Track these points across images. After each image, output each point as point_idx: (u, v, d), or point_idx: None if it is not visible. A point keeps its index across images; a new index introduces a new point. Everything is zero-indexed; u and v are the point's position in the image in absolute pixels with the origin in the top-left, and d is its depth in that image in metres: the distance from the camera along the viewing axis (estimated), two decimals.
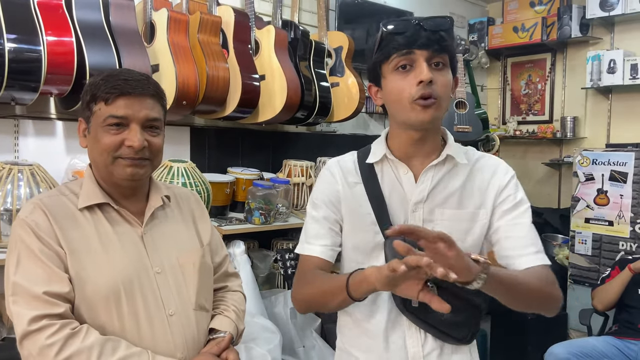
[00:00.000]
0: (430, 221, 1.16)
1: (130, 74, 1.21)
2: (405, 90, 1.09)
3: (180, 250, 1.30)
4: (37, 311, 1.08)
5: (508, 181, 1.19)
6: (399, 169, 1.19)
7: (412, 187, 1.18)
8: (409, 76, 1.09)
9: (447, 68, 1.12)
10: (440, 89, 1.09)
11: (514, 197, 1.18)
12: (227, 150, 2.83)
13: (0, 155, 2.08)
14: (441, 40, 1.08)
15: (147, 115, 1.19)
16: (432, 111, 1.09)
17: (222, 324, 1.33)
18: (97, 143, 1.19)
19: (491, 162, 1.22)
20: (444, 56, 1.10)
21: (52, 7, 1.96)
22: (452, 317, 1.13)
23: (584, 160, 3.41)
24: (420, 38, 1.07)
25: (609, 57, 3.58)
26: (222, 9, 2.53)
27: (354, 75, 2.96)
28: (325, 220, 1.24)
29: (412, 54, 1.08)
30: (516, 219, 1.17)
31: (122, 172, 1.19)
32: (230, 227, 2.35)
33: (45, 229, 1.15)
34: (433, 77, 1.07)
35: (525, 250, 1.15)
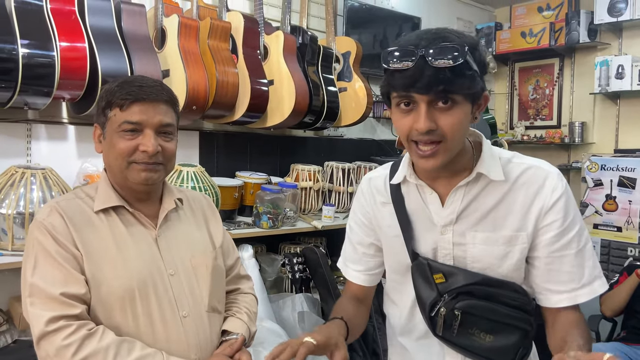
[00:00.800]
0: (462, 244, 1.07)
1: (145, 81, 1.23)
2: (406, 130, 0.98)
3: (193, 252, 1.32)
4: (54, 312, 1.10)
5: (555, 202, 1.03)
6: (425, 190, 1.11)
7: (438, 209, 1.08)
8: (410, 116, 0.97)
9: (461, 103, 0.96)
10: (446, 132, 0.96)
11: (562, 222, 1.03)
12: (235, 155, 2.85)
13: (13, 159, 2.10)
14: (447, 81, 0.91)
15: (161, 121, 1.22)
16: (434, 160, 0.98)
17: (235, 325, 1.35)
18: (112, 148, 1.21)
19: (538, 176, 1.06)
20: (454, 96, 0.94)
21: (65, 13, 1.99)
22: (495, 342, 1.06)
23: (593, 166, 3.40)
24: (421, 79, 0.91)
25: (617, 62, 3.57)
26: (232, 14, 2.55)
27: (361, 80, 2.97)
28: (360, 246, 1.24)
29: (412, 97, 0.95)
30: (562, 250, 1.04)
31: (137, 176, 1.21)
32: (238, 231, 2.37)
33: (62, 232, 1.17)
34: (436, 121, 0.95)
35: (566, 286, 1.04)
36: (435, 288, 1.07)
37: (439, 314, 1.06)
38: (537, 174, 1.06)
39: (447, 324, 1.06)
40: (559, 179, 1.06)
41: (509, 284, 1.06)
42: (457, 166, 1.06)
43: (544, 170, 1.06)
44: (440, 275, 1.07)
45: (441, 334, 1.07)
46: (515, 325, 1.06)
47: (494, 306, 1.05)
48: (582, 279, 1.04)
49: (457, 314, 1.04)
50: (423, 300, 1.09)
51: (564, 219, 1.04)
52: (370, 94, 2.97)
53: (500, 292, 1.06)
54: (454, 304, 1.05)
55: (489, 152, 1.08)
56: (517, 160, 1.09)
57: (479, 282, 1.05)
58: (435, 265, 1.08)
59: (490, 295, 1.05)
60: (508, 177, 1.06)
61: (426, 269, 1.08)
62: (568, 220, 1.04)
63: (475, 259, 1.07)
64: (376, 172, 1.24)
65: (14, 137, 2.14)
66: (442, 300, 1.06)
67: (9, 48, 1.79)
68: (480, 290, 1.05)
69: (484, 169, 1.05)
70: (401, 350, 1.22)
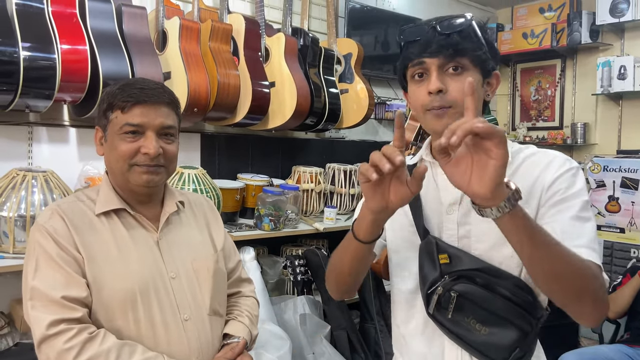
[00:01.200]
0: (467, 224, 1.07)
1: (146, 83, 1.23)
2: (420, 100, 1.05)
3: (195, 255, 1.31)
4: (55, 315, 1.10)
5: (561, 174, 1.02)
6: (437, 169, 1.13)
7: (447, 186, 1.05)
8: (423, 85, 1.04)
9: (469, 71, 1.02)
10: (454, 95, 1.01)
11: (563, 192, 1.01)
12: (237, 157, 2.85)
13: (15, 161, 2.11)
14: (455, 44, 1.01)
15: (162, 123, 1.21)
16: (445, 120, 1.02)
17: (236, 329, 1.35)
18: (113, 150, 1.21)
19: (546, 156, 1.07)
20: (462, 59, 1.02)
21: (67, 16, 1.99)
22: (489, 336, 1.04)
23: (595, 167, 3.39)
24: (431, 45, 1.02)
25: (619, 63, 3.56)
26: (233, 17, 2.55)
27: (363, 82, 2.97)
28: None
29: (424, 63, 1.03)
30: (559, 213, 1.00)
31: (138, 178, 1.21)
32: (240, 233, 2.36)
33: (63, 235, 1.17)
34: (446, 85, 1.01)
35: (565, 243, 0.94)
36: (438, 268, 1.07)
37: (435, 292, 1.06)
38: (545, 155, 1.07)
39: (442, 305, 1.05)
40: (566, 160, 1.05)
41: (513, 278, 1.04)
42: None
43: (550, 154, 1.07)
44: (445, 256, 1.07)
45: (432, 313, 1.07)
46: (512, 322, 1.02)
47: (493, 296, 1.03)
48: (579, 240, 0.96)
49: (453, 295, 1.03)
50: (425, 278, 1.09)
51: (566, 189, 1.01)
52: (372, 96, 2.97)
53: (502, 283, 1.03)
54: (452, 285, 1.04)
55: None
56: (529, 149, 1.10)
57: (482, 269, 1.04)
58: (443, 245, 1.08)
59: (490, 285, 1.03)
60: (515, 160, 1.07)
61: (433, 248, 1.08)
62: (572, 190, 1.00)
63: (478, 238, 1.06)
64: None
65: (15, 139, 2.14)
66: (442, 280, 1.06)
67: (10, 51, 1.79)
68: (482, 277, 1.04)
69: None
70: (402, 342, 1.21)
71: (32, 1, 1.91)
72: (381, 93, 3.56)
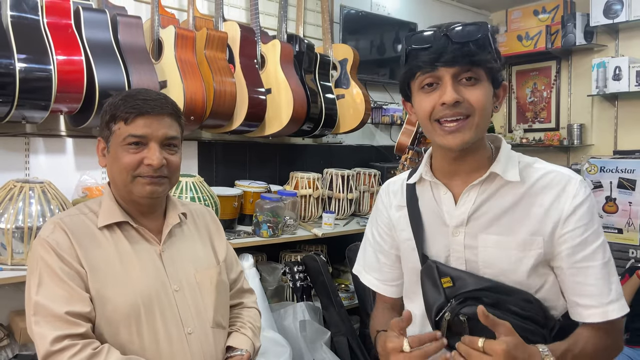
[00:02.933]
0: (474, 247, 1.04)
1: (149, 94, 1.23)
2: (428, 110, 1.00)
3: (198, 267, 1.31)
4: (59, 331, 1.09)
5: (576, 207, 0.99)
6: (439, 189, 1.09)
7: (451, 209, 1.06)
8: (434, 94, 0.99)
9: (483, 82, 0.99)
10: (474, 104, 0.98)
11: (584, 230, 0.98)
12: (234, 164, 2.85)
13: (12, 173, 2.10)
14: (471, 54, 0.96)
15: (166, 134, 1.22)
16: (462, 135, 0.98)
17: (240, 341, 1.34)
18: (116, 162, 1.21)
19: (559, 181, 1.02)
20: (477, 70, 0.98)
21: (62, 27, 1.99)
22: None
23: (592, 168, 3.40)
24: (445, 53, 0.96)
25: (614, 64, 3.57)
26: (228, 24, 2.56)
27: (359, 87, 2.98)
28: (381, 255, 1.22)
29: (436, 71, 0.98)
30: (586, 260, 0.99)
31: (142, 190, 1.21)
32: (238, 240, 2.36)
33: (66, 248, 1.16)
34: (461, 95, 0.97)
35: (594, 300, 0.99)
36: (442, 292, 1.04)
37: (443, 319, 1.02)
38: (558, 178, 1.02)
39: (455, 331, 1.02)
40: (581, 185, 1.01)
41: (521, 292, 1.01)
42: (474, 164, 1.05)
43: (565, 176, 1.02)
44: (447, 279, 1.04)
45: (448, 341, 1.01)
46: (525, 337, 0.96)
47: (502, 314, 0.99)
48: (610, 294, 0.99)
49: (463, 319, 1.00)
50: (430, 304, 1.06)
51: (586, 227, 0.99)
52: (368, 100, 2.98)
53: (510, 299, 1.00)
54: (459, 309, 1.01)
55: (507, 154, 1.06)
56: (538, 165, 1.06)
57: (487, 288, 1.01)
58: (444, 268, 1.05)
59: (499, 303, 1.00)
60: (525, 180, 1.03)
61: (434, 272, 1.05)
62: (591, 229, 0.99)
63: (487, 263, 1.03)
64: (396, 177, 1.24)
65: (12, 151, 2.14)
66: (449, 305, 1.02)
67: (6, 63, 1.79)
68: (488, 296, 1.01)
69: (498, 169, 1.03)
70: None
71: (27, 13, 1.91)
72: (377, 97, 3.57)
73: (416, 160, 2.56)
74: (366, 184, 3.12)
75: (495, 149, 1.08)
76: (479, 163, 1.05)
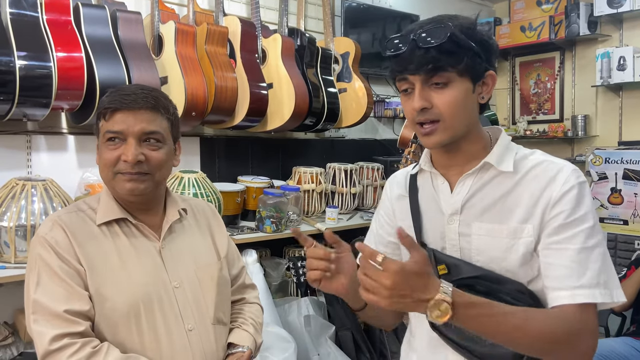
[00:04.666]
0: (467, 235, 1.06)
1: (131, 89, 1.21)
2: (409, 113, 1.04)
3: (198, 263, 1.30)
4: (58, 330, 1.08)
5: (564, 193, 0.99)
6: (437, 179, 1.12)
7: (447, 197, 1.09)
8: (410, 99, 1.02)
9: (455, 82, 0.99)
10: (442, 109, 1.00)
11: (567, 215, 0.97)
12: (236, 159, 2.84)
13: (14, 171, 2.10)
14: (435, 60, 0.97)
15: (143, 129, 1.18)
16: (435, 137, 1.02)
17: (241, 338, 1.33)
18: (99, 159, 1.21)
19: (551, 168, 1.03)
20: (445, 74, 0.98)
21: (61, 24, 1.98)
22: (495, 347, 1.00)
23: (597, 159, 3.38)
24: (412, 61, 0.98)
25: (618, 54, 3.54)
26: (229, 19, 2.55)
27: (361, 80, 2.96)
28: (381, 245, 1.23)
29: (408, 78, 1.01)
30: (563, 242, 0.97)
31: (122, 187, 1.19)
32: (241, 236, 2.36)
33: (65, 247, 1.15)
34: (431, 100, 1.00)
35: (562, 283, 0.96)
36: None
37: None
38: (550, 167, 1.03)
39: None
40: (573, 173, 1.01)
41: (513, 283, 1.02)
42: (469, 155, 1.07)
43: (557, 165, 1.03)
44: (443, 267, 1.06)
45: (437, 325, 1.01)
46: None
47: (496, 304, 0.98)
48: (582, 279, 0.95)
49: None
50: None
51: (571, 211, 0.97)
52: (371, 94, 2.96)
53: (503, 289, 1.01)
54: None
55: (504, 145, 1.07)
56: (535, 156, 1.07)
57: (481, 277, 1.02)
58: (440, 256, 1.07)
59: (492, 292, 1.00)
60: (519, 170, 1.04)
61: (432, 259, 1.07)
62: (576, 215, 0.97)
63: (479, 250, 1.05)
64: (402, 170, 1.26)
65: (14, 149, 2.14)
66: None
67: (6, 60, 1.79)
68: (482, 284, 1.02)
69: (492, 159, 1.05)
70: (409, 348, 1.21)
71: (26, 10, 1.90)
72: (380, 91, 3.55)
73: (419, 154, 2.54)
74: (369, 178, 3.11)
75: (494, 141, 1.10)
76: (474, 154, 1.07)
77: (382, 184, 3.17)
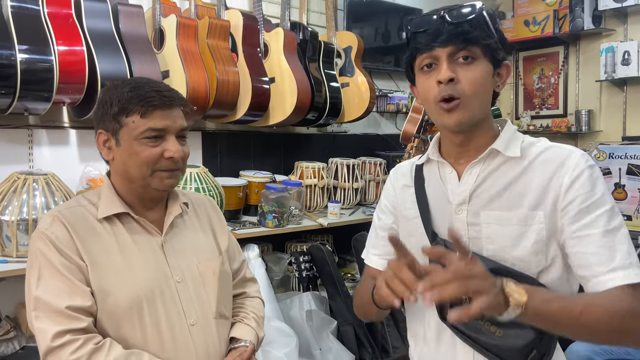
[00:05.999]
0: (476, 224, 1.05)
1: (158, 86, 1.21)
2: (430, 91, 1.02)
3: (200, 258, 1.29)
4: (61, 326, 1.08)
5: (576, 177, 0.97)
6: (445, 168, 1.11)
7: (455, 187, 1.09)
8: (433, 74, 1.01)
9: (480, 60, 1.00)
10: (466, 86, 0.99)
11: (583, 200, 0.96)
12: (238, 154, 2.84)
13: (15, 165, 2.10)
14: (466, 33, 0.98)
15: (181, 126, 1.22)
16: (457, 115, 1.00)
17: (243, 332, 1.33)
18: (133, 156, 1.18)
19: (559, 154, 1.01)
20: (473, 48, 0.99)
21: (62, 17, 1.97)
22: (504, 338, 1.01)
23: (600, 155, 3.36)
24: (441, 34, 0.99)
25: (623, 48, 3.51)
26: (231, 13, 2.53)
27: (363, 75, 2.94)
28: (380, 230, 1.24)
29: (433, 52, 1.00)
30: (585, 229, 0.96)
31: (160, 183, 1.20)
32: (243, 230, 2.35)
33: (66, 242, 1.15)
34: (457, 74, 0.98)
35: (597, 269, 0.94)
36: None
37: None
38: (558, 152, 1.02)
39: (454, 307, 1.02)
40: (582, 158, 1.00)
41: (524, 276, 1.00)
42: (479, 145, 1.06)
43: (566, 150, 1.02)
44: None
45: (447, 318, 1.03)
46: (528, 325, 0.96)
47: None
48: (613, 262, 0.93)
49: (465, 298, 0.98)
50: None
51: (586, 196, 0.96)
52: (373, 88, 2.95)
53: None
54: None
55: (511, 133, 1.07)
56: (541, 143, 1.06)
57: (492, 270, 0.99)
58: (451, 247, 1.04)
59: None
60: (527, 156, 1.04)
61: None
62: (592, 198, 0.96)
63: (489, 240, 1.03)
64: (410, 159, 1.26)
65: (15, 143, 2.13)
66: None
67: (7, 54, 1.78)
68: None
69: (499, 146, 1.04)
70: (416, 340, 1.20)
71: (27, 3, 1.89)
72: (382, 85, 3.53)
73: (422, 149, 2.53)
74: (372, 173, 3.10)
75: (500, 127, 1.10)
76: (484, 144, 1.06)
77: (385, 179, 3.16)
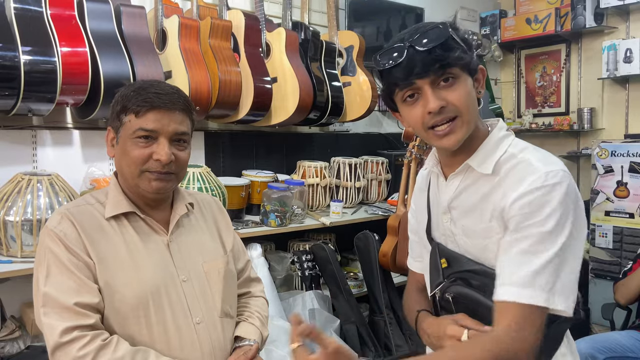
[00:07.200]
0: (454, 235, 1.10)
1: (162, 87, 1.21)
2: (419, 120, 1.01)
3: (205, 257, 1.31)
4: (69, 322, 1.09)
5: (523, 195, 0.95)
6: (440, 177, 1.15)
7: (443, 195, 1.14)
8: (418, 105, 1.00)
9: (460, 77, 1.00)
10: (457, 104, 0.99)
11: (523, 218, 0.95)
12: (241, 154, 2.85)
13: (19, 166, 2.11)
14: (441, 59, 0.96)
15: (176, 130, 1.20)
16: (456, 135, 1.00)
17: (248, 331, 1.34)
18: (125, 155, 1.20)
19: (526, 170, 0.98)
20: (452, 70, 0.98)
21: (65, 18, 1.98)
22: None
23: (603, 152, 3.36)
24: (416, 65, 0.96)
25: (625, 46, 3.51)
26: (233, 13, 2.54)
27: (365, 74, 2.95)
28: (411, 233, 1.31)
29: (414, 85, 0.99)
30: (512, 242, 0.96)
31: (148, 186, 1.20)
32: (246, 230, 2.36)
33: (74, 240, 1.16)
34: (444, 99, 0.98)
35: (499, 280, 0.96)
36: (441, 272, 1.11)
37: (435, 296, 1.11)
38: (524, 168, 0.99)
39: (446, 308, 1.09)
40: (541, 178, 0.95)
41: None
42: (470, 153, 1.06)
43: (532, 167, 0.98)
44: (444, 260, 1.11)
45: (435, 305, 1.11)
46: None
47: (485, 299, 1.01)
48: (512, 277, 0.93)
49: (449, 297, 1.06)
50: (432, 283, 1.14)
51: (528, 216, 0.94)
52: (375, 87, 2.95)
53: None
54: (447, 288, 1.08)
55: (493, 144, 1.05)
56: (522, 155, 1.02)
57: (476, 271, 1.05)
58: (443, 249, 1.12)
59: (486, 287, 1.01)
60: (499, 171, 1.02)
61: (436, 253, 1.13)
62: (533, 219, 0.93)
63: (464, 248, 1.09)
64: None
65: (19, 144, 2.15)
66: (442, 284, 1.10)
67: (11, 55, 1.79)
68: (476, 279, 1.05)
69: (474, 162, 1.05)
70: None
71: (30, 4, 1.90)
72: None
73: (424, 148, 2.54)
74: (374, 172, 3.10)
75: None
76: (473, 150, 1.07)
77: (387, 177, 3.17)
